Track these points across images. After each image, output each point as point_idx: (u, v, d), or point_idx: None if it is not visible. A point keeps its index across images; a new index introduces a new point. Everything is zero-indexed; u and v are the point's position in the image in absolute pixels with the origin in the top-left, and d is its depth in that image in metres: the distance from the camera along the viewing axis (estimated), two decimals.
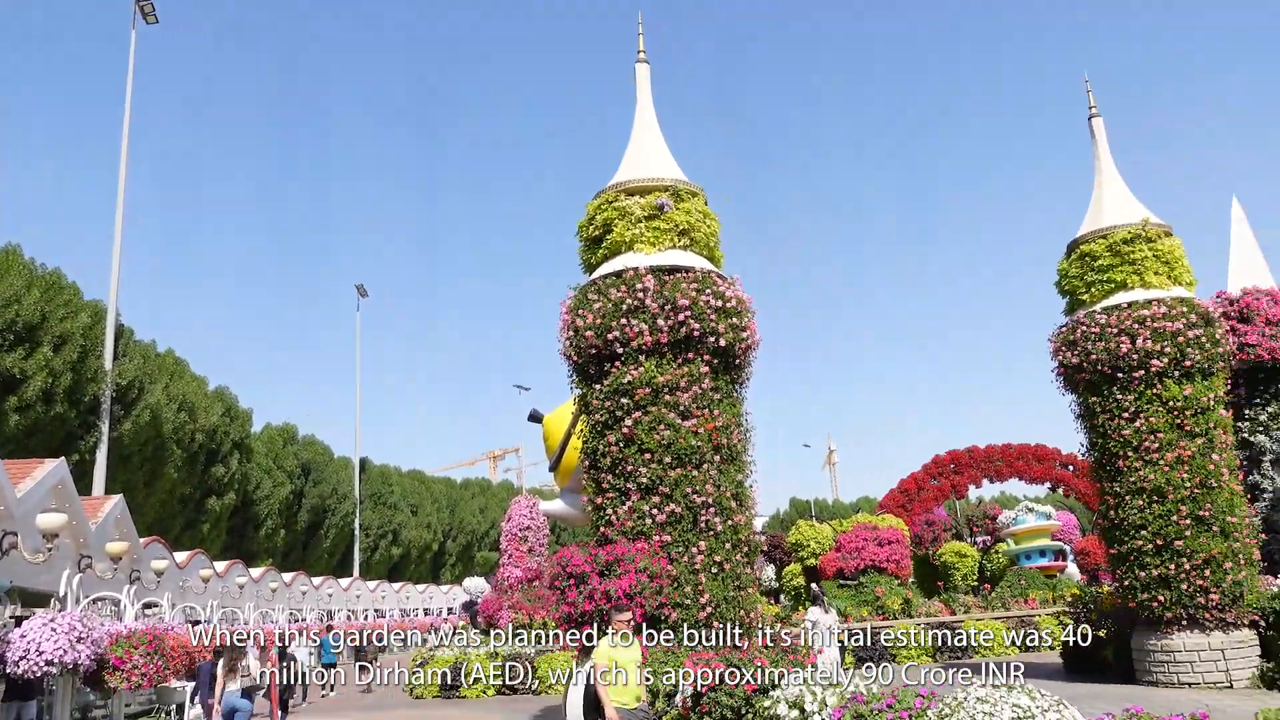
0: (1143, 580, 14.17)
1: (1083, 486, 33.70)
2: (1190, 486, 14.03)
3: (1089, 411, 15.21)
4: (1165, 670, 13.98)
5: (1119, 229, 15.33)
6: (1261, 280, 17.65)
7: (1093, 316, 15.02)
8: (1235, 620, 13.80)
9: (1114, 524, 14.75)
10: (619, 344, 11.68)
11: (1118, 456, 14.66)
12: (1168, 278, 15.17)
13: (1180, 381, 14.45)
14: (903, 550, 24.29)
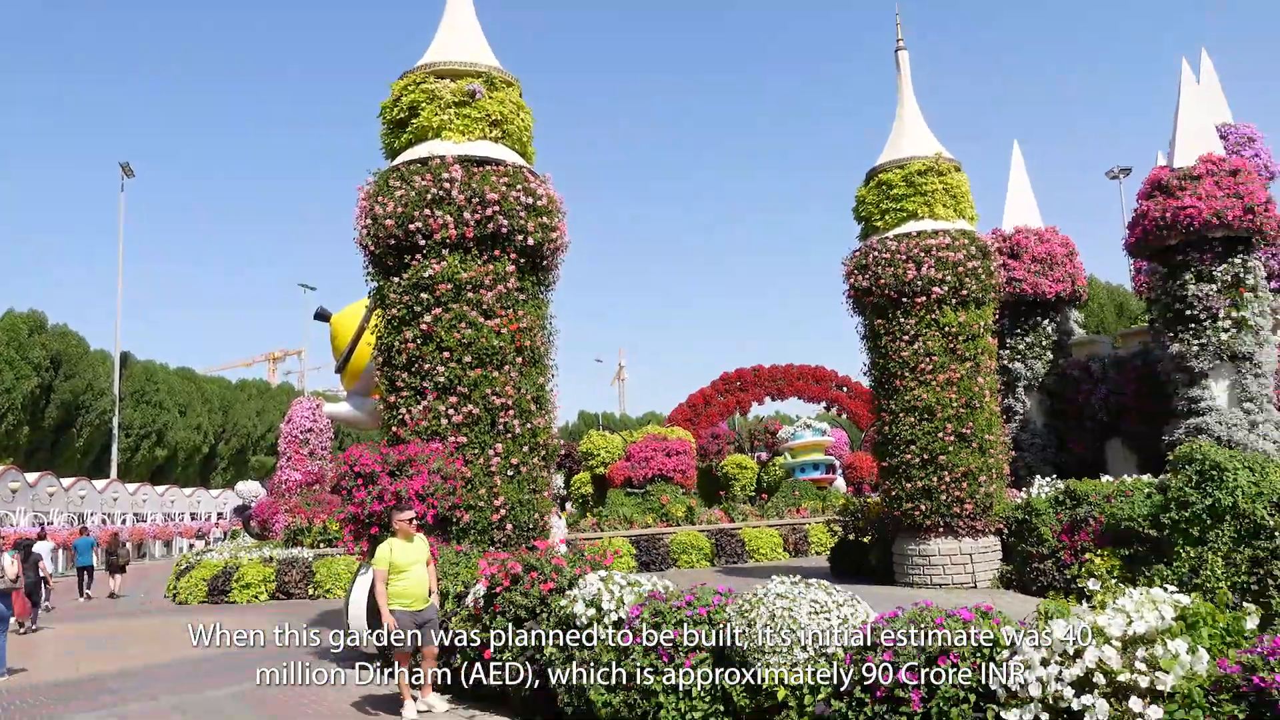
0: (908, 491, 15.20)
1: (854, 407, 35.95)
2: (957, 406, 15.09)
3: (874, 333, 15.97)
4: (921, 572, 15.18)
5: (915, 160, 15.96)
6: (1032, 220, 19.06)
7: (885, 243, 15.65)
8: (984, 528, 15.12)
9: (887, 439, 15.68)
10: (421, 235, 11.02)
11: (896, 376, 15.51)
12: (954, 211, 15.99)
13: (956, 309, 15.38)
14: (689, 461, 25.06)
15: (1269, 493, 12.52)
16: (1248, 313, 14.83)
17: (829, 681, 5.09)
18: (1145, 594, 4.27)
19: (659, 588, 6.74)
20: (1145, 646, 4.00)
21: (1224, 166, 15.28)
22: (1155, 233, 15.49)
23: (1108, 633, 4.08)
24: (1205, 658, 3.88)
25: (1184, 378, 15.23)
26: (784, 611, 5.33)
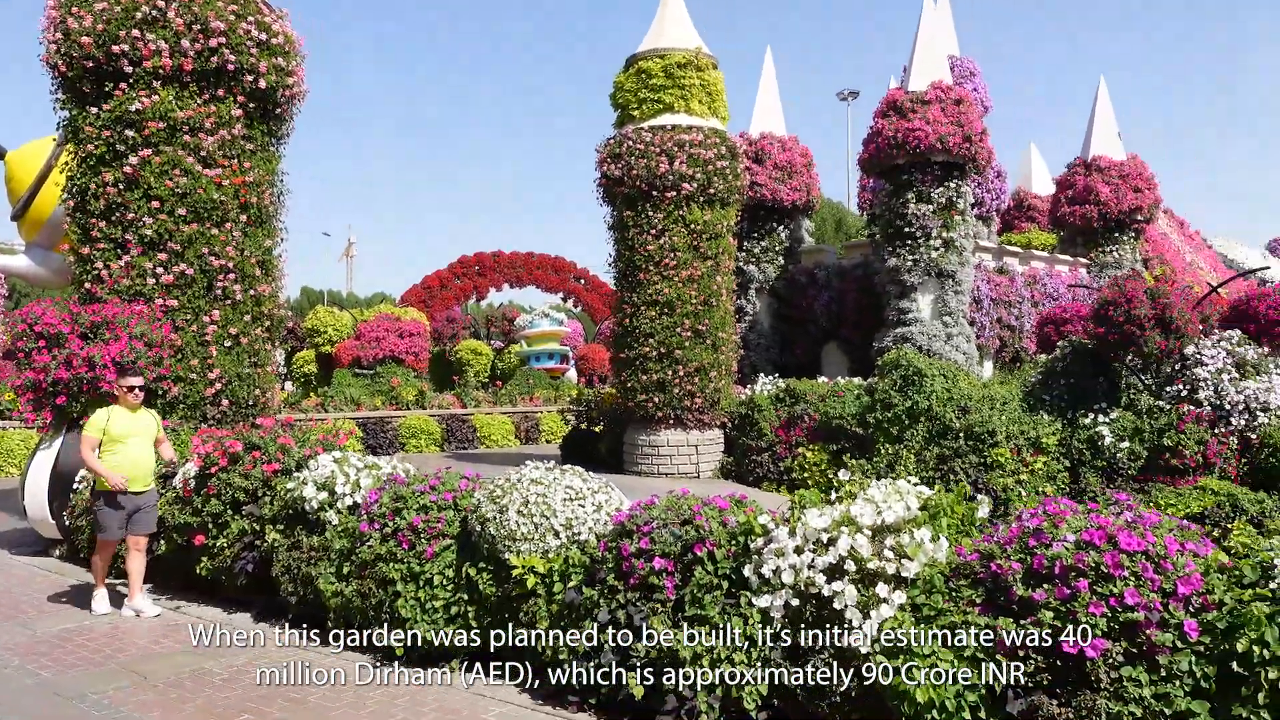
0: (644, 383, 15.50)
1: (591, 300, 36.32)
2: (696, 303, 15.44)
3: (622, 225, 15.90)
4: (649, 462, 15.66)
5: (676, 52, 15.79)
6: (777, 128, 19.63)
7: (640, 133, 15.48)
8: (710, 421, 15.78)
9: (627, 331, 15.82)
10: (127, 61, 9.41)
11: (640, 270, 15.58)
12: (709, 109, 16.05)
13: (703, 207, 15.60)
14: (422, 344, 24.27)
15: (958, 398, 13.92)
16: (956, 234, 16.20)
17: (582, 568, 4.94)
18: (892, 485, 4.42)
19: (400, 471, 6.29)
20: (893, 535, 4.14)
21: (950, 95, 16.38)
22: (886, 151, 16.43)
23: (860, 522, 4.18)
24: (945, 545, 4.08)
25: (896, 290, 16.49)
26: (538, 498, 5.09)
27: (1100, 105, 21.65)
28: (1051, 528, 3.73)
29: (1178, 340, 12.93)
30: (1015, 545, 3.80)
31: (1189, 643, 3.34)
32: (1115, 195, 20.37)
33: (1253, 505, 11.67)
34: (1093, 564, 3.49)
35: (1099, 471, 12.90)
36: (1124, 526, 3.57)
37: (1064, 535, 3.65)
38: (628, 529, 4.82)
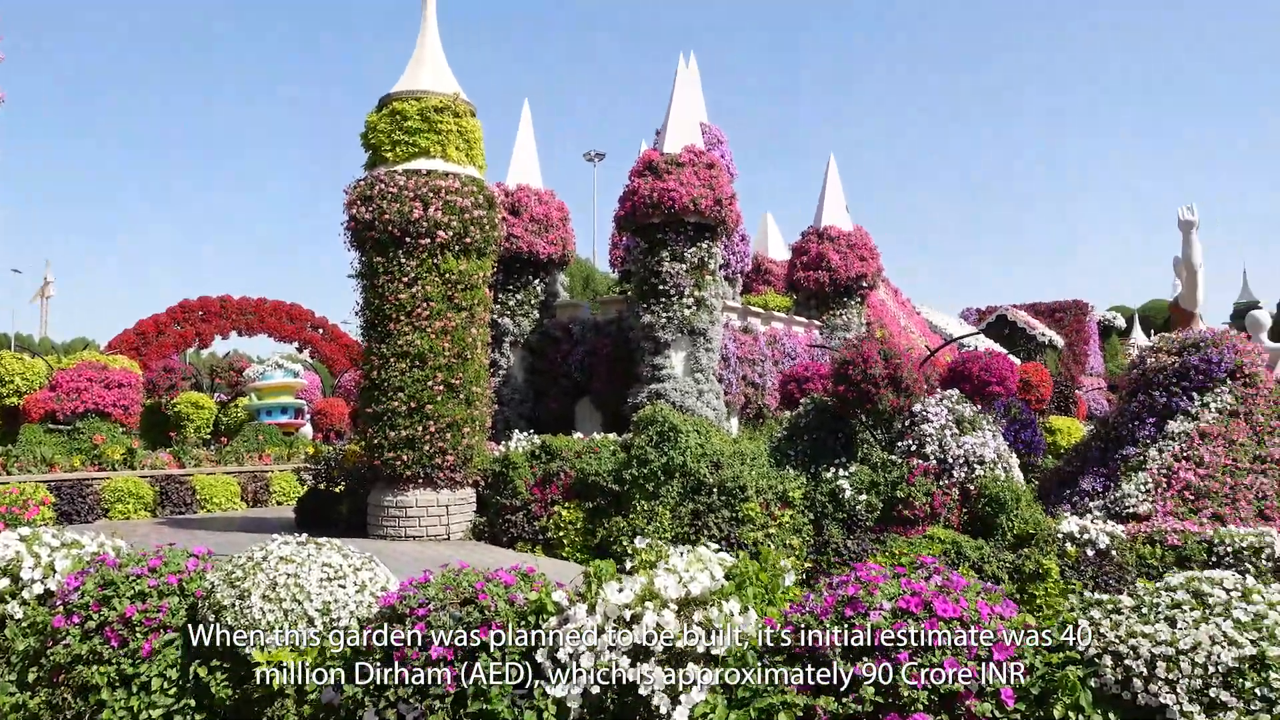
0: (392, 440, 14.56)
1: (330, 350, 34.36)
2: (449, 355, 14.77)
3: (371, 271, 15.01)
4: (396, 525, 14.66)
5: (433, 95, 15.27)
6: (534, 181, 19.49)
7: (393, 176, 14.76)
8: (463, 480, 15.06)
9: (375, 384, 14.86)
10: None
11: (390, 319, 14.73)
12: (466, 156, 15.61)
13: (459, 256, 15.04)
14: (133, 395, 21.70)
15: (711, 453, 14.16)
16: (707, 293, 16.66)
17: (342, 661, 4.23)
18: (693, 552, 4.12)
19: (109, 550, 5.24)
20: (700, 609, 3.83)
21: (703, 159, 16.97)
22: (642, 209, 16.69)
23: (664, 595, 3.83)
24: (754, 618, 3.82)
25: (651, 346, 16.67)
26: (288, 579, 4.34)
27: (830, 179, 23.38)
28: (867, 595, 3.58)
29: (908, 398, 13.86)
30: (832, 615, 3.62)
31: (1006, 711, 3.27)
32: (844, 262, 21.95)
33: (974, 552, 12.58)
34: (913, 633, 3.36)
35: (840, 523, 13.49)
36: (938, 592, 3.48)
37: (879, 603, 3.50)
38: (399, 612, 4.19)
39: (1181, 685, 3.23)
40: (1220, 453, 16.29)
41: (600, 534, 14.07)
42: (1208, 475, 15.70)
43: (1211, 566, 12.09)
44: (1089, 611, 3.63)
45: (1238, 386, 17.14)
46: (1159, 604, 3.53)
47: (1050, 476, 17.01)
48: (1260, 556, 11.77)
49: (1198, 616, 3.39)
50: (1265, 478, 15.89)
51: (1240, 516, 15.02)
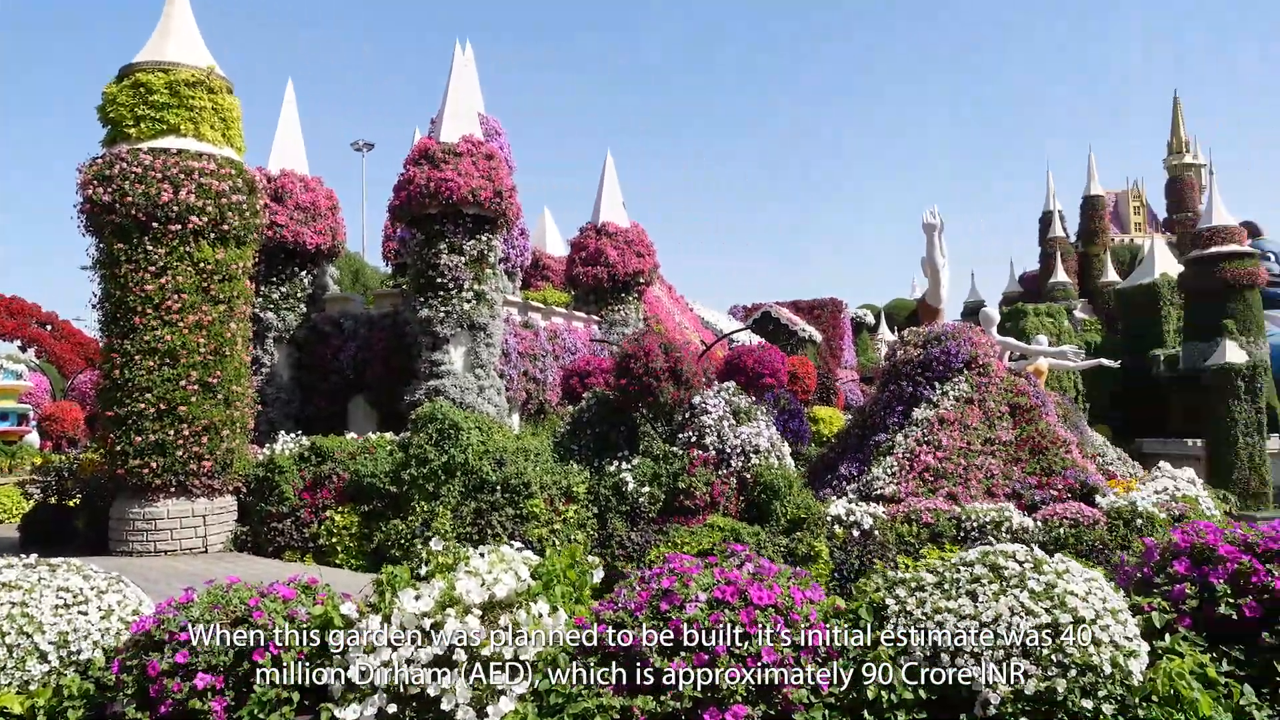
0: (138, 446, 13.18)
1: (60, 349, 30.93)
2: (205, 352, 13.57)
3: (112, 260, 13.52)
4: (144, 539, 13.30)
5: (184, 68, 13.97)
6: (299, 166, 18.28)
7: (137, 155, 13.36)
8: (221, 487, 13.89)
9: (117, 385, 13.40)
10: None
11: (135, 313, 13.34)
12: (223, 136, 14.40)
13: (215, 245, 13.85)
14: None
15: (494, 450, 13.82)
16: (487, 287, 16.28)
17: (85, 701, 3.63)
18: (495, 552, 3.87)
19: None
20: (506, 612, 3.58)
21: (481, 149, 16.55)
22: (419, 199, 16.05)
23: (467, 600, 3.55)
24: (564, 618, 3.62)
25: (429, 341, 16.08)
26: (15, 609, 3.68)
27: (608, 177, 23.55)
28: (682, 587, 3.47)
29: (688, 391, 14.13)
30: (647, 610, 3.48)
31: (821, 696, 3.26)
32: (622, 258, 22.18)
33: (751, 537, 13.00)
34: (729, 623, 3.28)
35: (624, 516, 13.56)
36: (752, 579, 3.42)
37: (695, 594, 3.40)
38: (156, 639, 3.65)
39: (986, 657, 3.38)
40: (956, 437, 17.81)
41: (377, 538, 13.39)
42: (945, 457, 17.11)
43: (960, 541, 13.15)
44: (894, 590, 3.72)
45: (973, 376, 18.78)
46: (959, 579, 3.68)
47: (817, 463, 17.96)
48: (1000, 530, 12.92)
49: (996, 589, 3.56)
50: (993, 458, 17.51)
51: (971, 494, 16.45)
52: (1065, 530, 12.74)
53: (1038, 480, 16.58)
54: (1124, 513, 13.03)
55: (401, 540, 13.16)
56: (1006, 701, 3.34)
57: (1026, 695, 3.38)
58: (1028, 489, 15.94)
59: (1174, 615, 4.24)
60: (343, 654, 3.54)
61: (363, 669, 3.43)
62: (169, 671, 3.51)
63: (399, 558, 13.22)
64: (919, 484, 16.22)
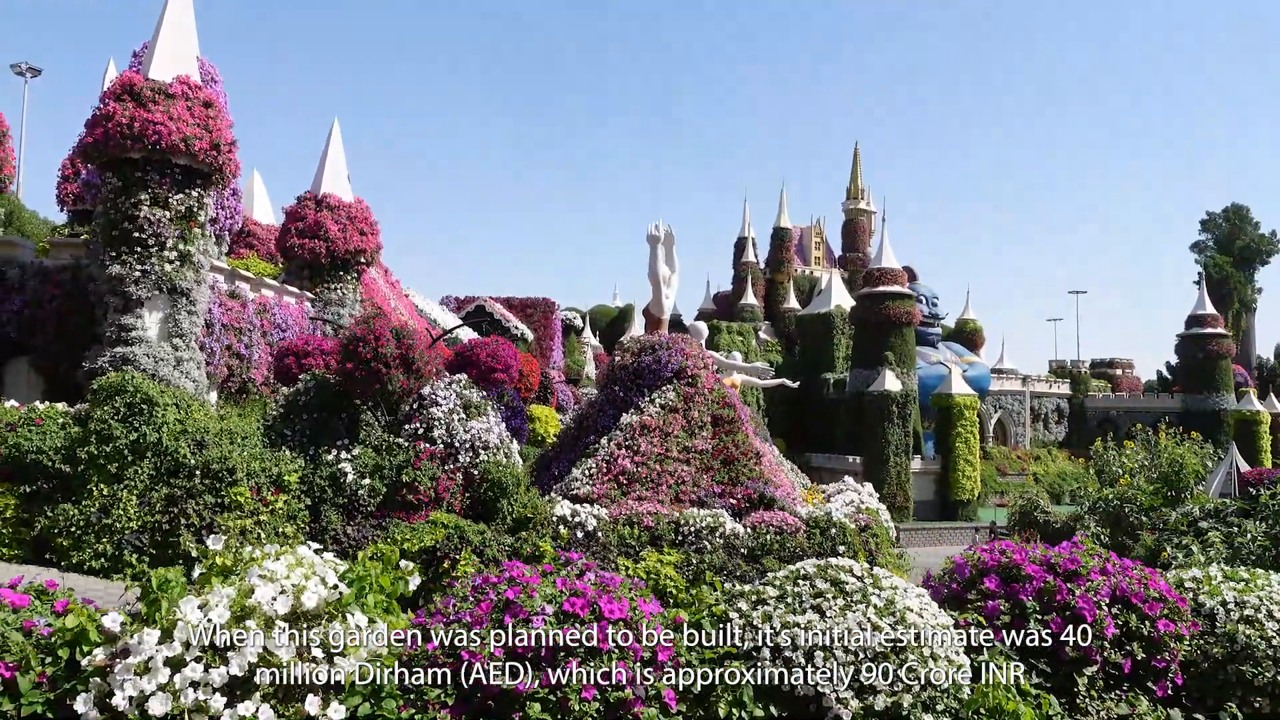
0: None
1: None
2: None
3: None
4: None
5: None
6: None
7: None
8: None
9: None
10: None
11: None
12: None
13: None
14: None
15: (193, 430, 12.41)
16: (194, 248, 14.61)
17: None
18: (290, 551, 3.34)
19: None
20: (315, 624, 3.08)
21: (199, 95, 14.85)
22: (118, 140, 14.06)
23: (267, 611, 3.02)
24: (385, 631, 3.17)
25: (119, 302, 14.13)
26: None
27: (333, 145, 22.08)
28: (527, 599, 3.15)
29: (418, 380, 13.53)
30: (489, 624, 3.12)
31: (670, 714, 3.10)
32: (343, 234, 20.87)
33: (476, 536, 12.67)
34: (581, 639, 3.02)
35: (340, 508, 12.72)
36: (602, 591, 3.19)
37: (540, 607, 3.11)
38: None
39: (837, 673, 3.39)
40: (656, 443, 18.54)
41: (41, 525, 11.56)
42: (641, 463, 17.75)
43: (677, 544, 13.60)
44: (735, 603, 3.65)
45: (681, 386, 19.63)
46: (801, 593, 3.67)
47: (535, 462, 17.90)
48: (715, 534, 13.52)
49: (842, 604, 3.59)
50: (688, 466, 18.40)
51: (660, 499, 17.20)
52: (771, 537, 13.55)
53: (722, 489, 17.62)
54: (821, 522, 14.11)
55: (73, 528, 11.46)
56: (857, 716, 3.38)
57: (876, 711, 3.45)
58: (711, 496, 16.87)
59: (989, 630, 4.57)
60: (103, 676, 2.85)
61: (134, 694, 2.78)
62: None
63: (68, 548, 11.49)
64: (613, 486, 16.65)
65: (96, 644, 2.98)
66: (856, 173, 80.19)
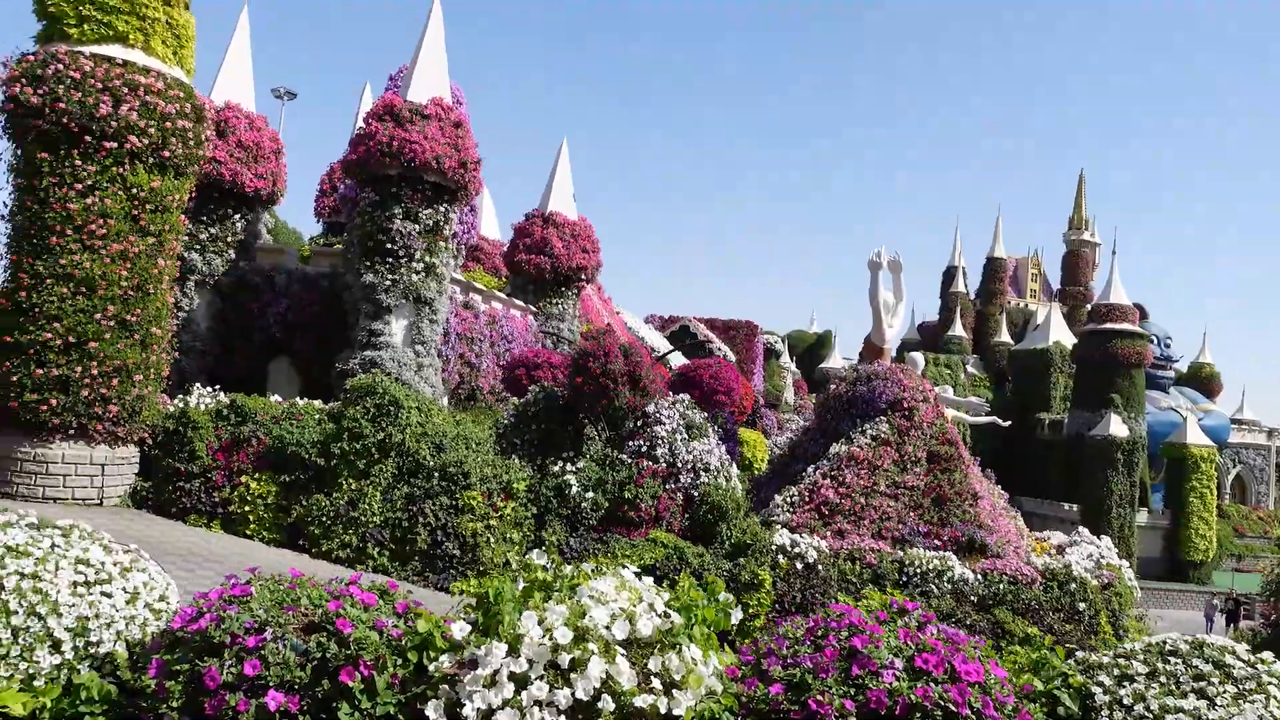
0: (38, 379, 11.83)
1: None
2: (126, 286, 12.34)
3: (32, 169, 12.17)
4: (31, 482, 11.96)
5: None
6: (246, 101, 16.97)
7: (76, 58, 12.07)
8: (126, 436, 12.62)
9: (20, 309, 12.02)
10: None
11: (52, 232, 12.01)
12: (173, 54, 13.18)
13: (152, 171, 12.64)
14: None
15: (433, 433, 13.00)
16: (438, 260, 15.40)
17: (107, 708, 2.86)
18: (616, 575, 3.25)
19: None
20: (654, 654, 2.98)
21: (450, 115, 15.68)
22: (378, 157, 15.07)
23: (604, 635, 2.94)
24: (717, 667, 3.04)
25: (370, 309, 15.08)
26: (25, 583, 2.88)
27: (561, 165, 22.84)
28: (874, 649, 2.95)
29: (644, 398, 13.61)
30: (835, 674, 2.94)
31: None
32: (567, 251, 21.51)
33: (695, 558, 12.58)
34: (937, 700, 2.79)
35: (564, 520, 12.95)
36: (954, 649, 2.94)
37: (889, 660, 2.89)
38: (213, 640, 2.89)
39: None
40: (863, 475, 17.88)
41: (296, 513, 12.40)
42: (845, 494, 17.16)
43: (902, 585, 13.00)
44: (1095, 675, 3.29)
45: (896, 418, 18.89)
46: (1175, 673, 3.27)
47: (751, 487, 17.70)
48: (942, 579, 12.83)
49: (1234, 693, 3.17)
50: (895, 501, 17.64)
51: (860, 533, 16.54)
52: (1004, 587, 12.75)
53: (929, 529, 16.82)
54: (1059, 575, 13.15)
55: (324, 518, 12.22)
56: None
57: None
58: (915, 535, 16.12)
59: None
60: (451, 686, 2.87)
61: (481, 708, 2.77)
62: (232, 684, 2.78)
63: (319, 536, 12.27)
64: (813, 516, 16.24)
65: (442, 650, 3.01)
66: (1081, 201, 75.50)
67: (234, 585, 3.12)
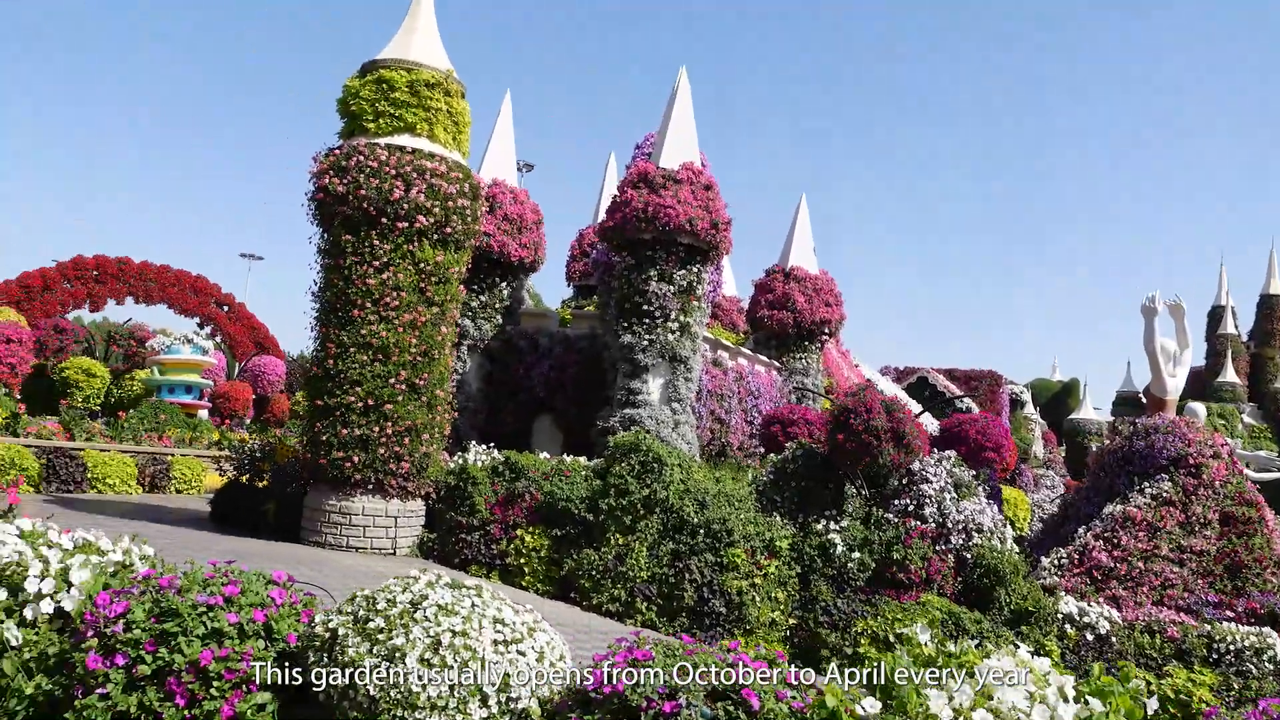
0: (343, 438, 13.04)
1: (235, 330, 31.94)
2: (415, 353, 13.41)
3: (338, 250, 13.54)
4: (338, 532, 13.12)
5: (426, 69, 14.01)
6: (509, 177, 18.22)
7: (374, 149, 13.37)
8: (415, 490, 13.63)
9: (329, 375, 13.34)
10: None
11: (355, 305, 13.28)
12: (453, 139, 14.36)
13: (436, 246, 13.74)
14: (23, 355, 19.27)
15: (695, 490, 13.14)
16: (692, 319, 15.73)
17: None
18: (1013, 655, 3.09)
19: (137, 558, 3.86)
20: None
21: (700, 178, 16.09)
22: (634, 223, 15.66)
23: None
24: None
25: (627, 368, 15.58)
26: (454, 639, 3.12)
27: (800, 219, 22.87)
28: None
29: (908, 455, 13.18)
30: None
31: None
32: (809, 306, 21.39)
33: (973, 625, 11.91)
34: None
35: (829, 580, 12.65)
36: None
37: None
38: (629, 701, 3.01)
39: None
40: (1141, 538, 16.29)
41: (568, 565, 12.84)
42: (1121, 558, 15.70)
43: (1212, 663, 11.74)
44: None
45: (1180, 475, 17.21)
46: None
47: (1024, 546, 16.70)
48: (1261, 658, 11.47)
49: None
50: (1180, 568, 15.97)
51: (1137, 601, 14.99)
52: None
53: (1220, 599, 15.11)
54: None
55: (594, 572, 12.57)
56: None
57: None
58: (1203, 605, 14.48)
59: None
60: None
61: None
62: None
63: (588, 589, 12.62)
64: (1084, 580, 15.01)
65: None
66: None
67: (632, 649, 3.24)
